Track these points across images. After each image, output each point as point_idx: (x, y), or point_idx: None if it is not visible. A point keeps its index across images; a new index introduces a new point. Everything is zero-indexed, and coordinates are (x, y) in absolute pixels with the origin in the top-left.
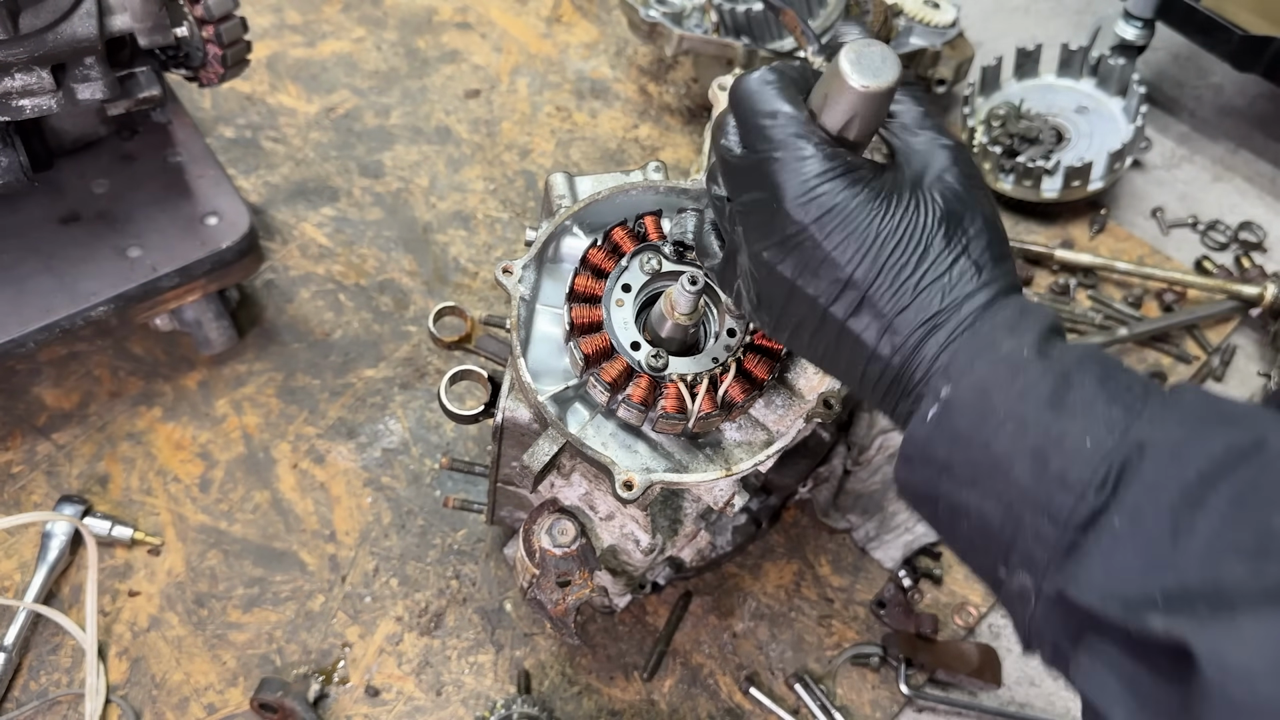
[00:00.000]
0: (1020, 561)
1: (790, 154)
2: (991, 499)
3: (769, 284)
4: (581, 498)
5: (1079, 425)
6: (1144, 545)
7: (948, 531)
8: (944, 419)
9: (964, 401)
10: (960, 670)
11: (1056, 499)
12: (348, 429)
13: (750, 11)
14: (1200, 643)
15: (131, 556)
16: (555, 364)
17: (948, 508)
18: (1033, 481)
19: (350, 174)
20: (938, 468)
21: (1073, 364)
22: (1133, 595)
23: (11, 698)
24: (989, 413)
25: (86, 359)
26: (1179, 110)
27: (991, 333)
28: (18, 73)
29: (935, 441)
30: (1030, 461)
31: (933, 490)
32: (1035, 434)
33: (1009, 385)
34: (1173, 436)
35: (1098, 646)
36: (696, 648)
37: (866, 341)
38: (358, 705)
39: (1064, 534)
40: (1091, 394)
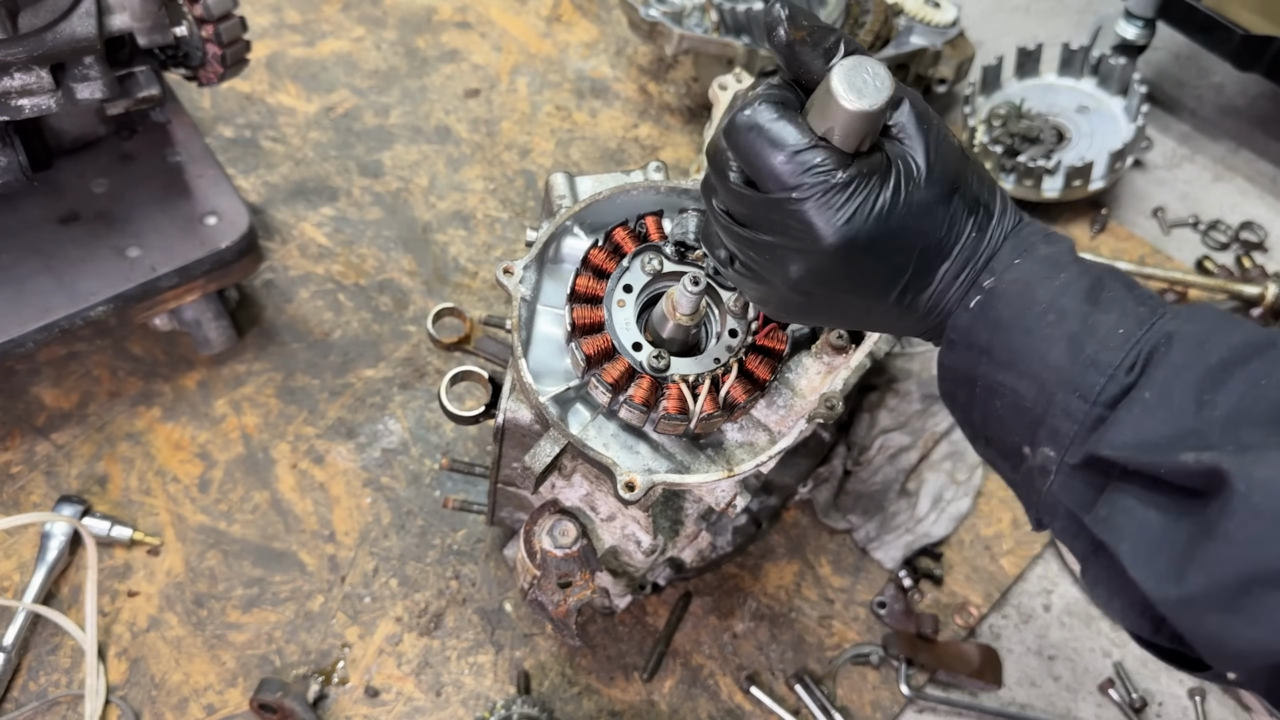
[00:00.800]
0: (1047, 437)
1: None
2: (1027, 379)
3: (806, 296)
4: (583, 499)
5: (1112, 317)
6: (1171, 413)
7: (980, 412)
8: (987, 307)
9: (1008, 292)
10: (961, 671)
11: (1088, 378)
12: (347, 429)
13: (750, 11)
14: (1230, 463)
15: (131, 557)
16: (556, 365)
17: (984, 387)
18: (1067, 363)
19: (350, 174)
20: (979, 350)
21: (1104, 270)
22: (1162, 444)
23: (11, 698)
24: (1031, 302)
25: (86, 359)
26: (1180, 110)
27: (1030, 238)
28: (17, 72)
29: (978, 326)
30: (1066, 346)
31: (971, 371)
32: (1073, 322)
33: (1050, 280)
34: (1198, 329)
35: (1119, 491)
36: (697, 648)
37: (917, 308)
38: (357, 706)
39: (1092, 410)
40: (1122, 294)
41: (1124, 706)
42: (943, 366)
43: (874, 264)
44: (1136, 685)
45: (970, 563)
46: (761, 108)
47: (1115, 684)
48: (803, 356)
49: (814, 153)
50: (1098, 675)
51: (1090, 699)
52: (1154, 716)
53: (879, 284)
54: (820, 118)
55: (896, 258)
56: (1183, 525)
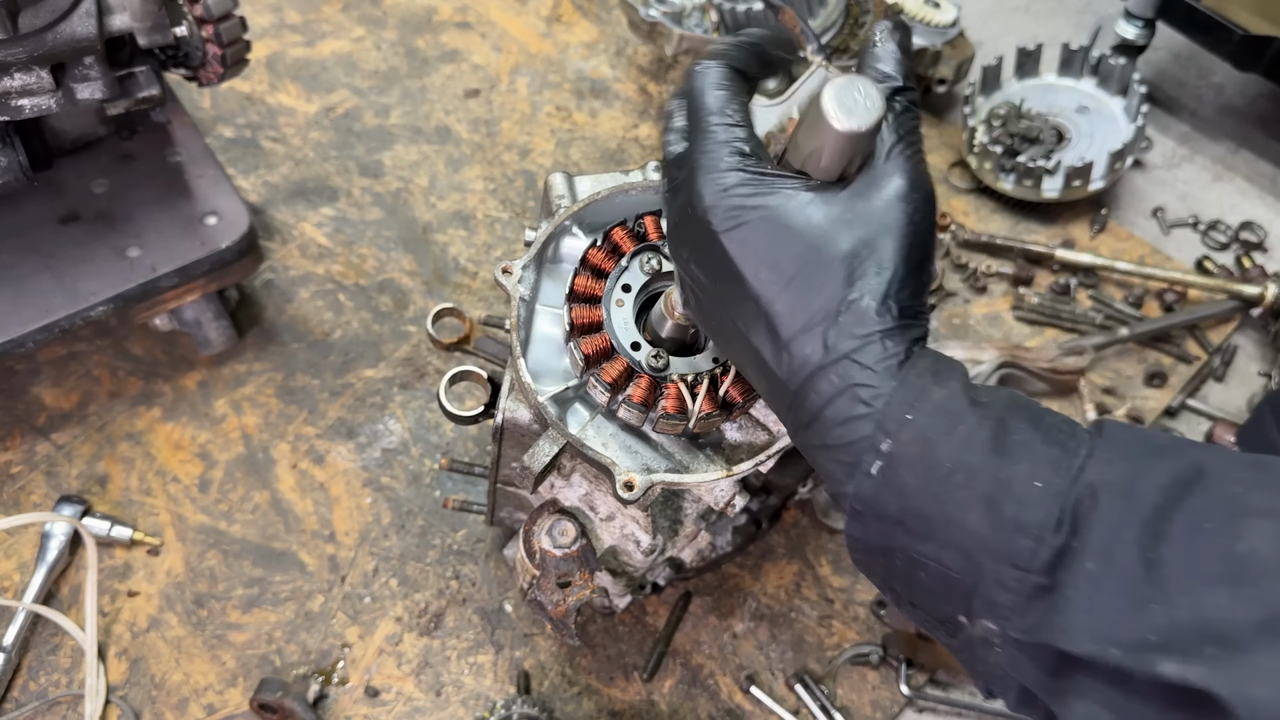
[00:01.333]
0: (983, 609)
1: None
2: (949, 549)
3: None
4: (582, 498)
5: (1025, 468)
6: (1121, 585)
7: (903, 584)
8: (889, 473)
9: (907, 455)
10: (961, 670)
11: (1016, 543)
12: (347, 429)
13: (750, 11)
14: (1224, 687)
15: (131, 557)
16: (555, 364)
17: (905, 561)
18: (989, 529)
19: (350, 174)
20: (890, 521)
21: (1004, 409)
22: (1128, 638)
23: (11, 698)
24: (935, 464)
25: (86, 359)
26: (1180, 110)
27: (918, 382)
28: (17, 72)
29: (884, 495)
30: (984, 509)
31: (888, 544)
32: (984, 481)
33: (950, 434)
34: (1119, 475)
35: (1093, 690)
36: (696, 648)
37: (765, 358)
38: (357, 706)
39: (1028, 577)
40: (1029, 436)
41: None
42: (851, 538)
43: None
44: None
45: None
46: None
47: None
48: None
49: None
50: None
51: None
52: None
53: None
54: (808, 137)
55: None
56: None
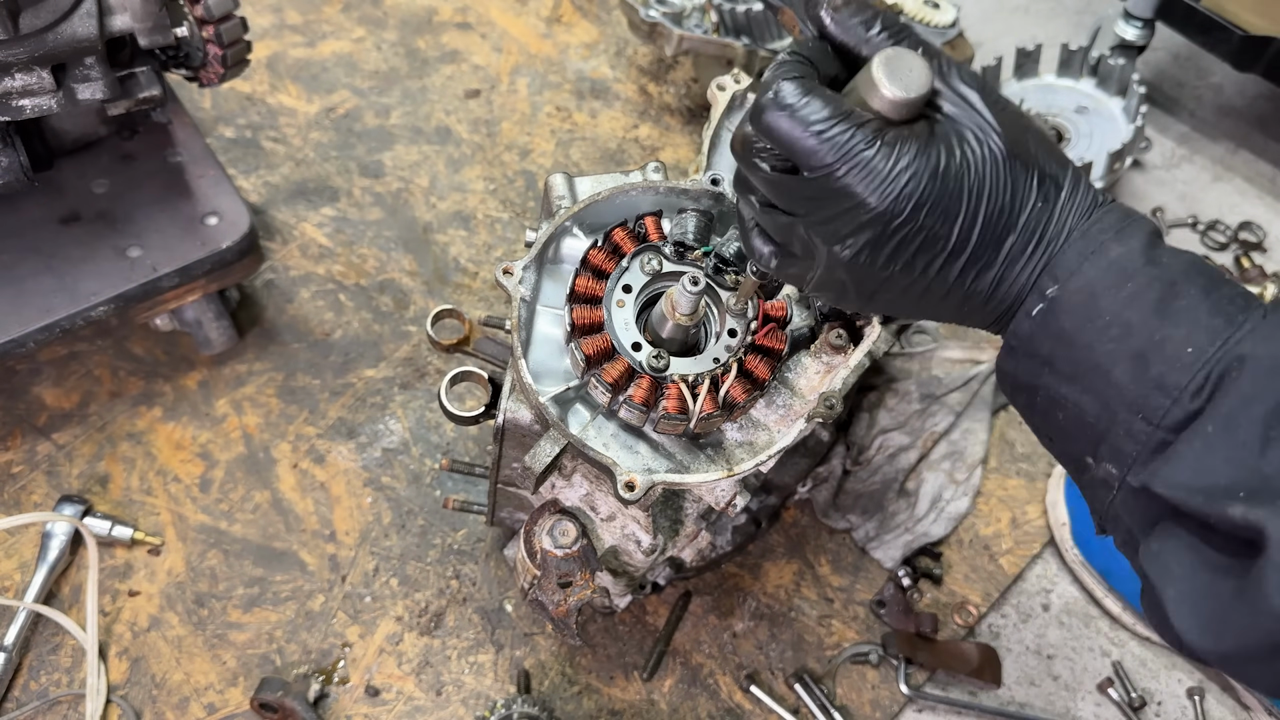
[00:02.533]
0: (1109, 454)
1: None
2: (1090, 395)
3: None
4: (582, 498)
5: (1182, 332)
6: (1234, 450)
7: (1041, 419)
8: (1050, 316)
9: (1071, 302)
10: (960, 670)
11: (1153, 400)
12: (348, 429)
13: (750, 11)
14: (1272, 525)
15: (131, 556)
16: (556, 365)
17: (1046, 398)
18: (1132, 383)
19: (350, 174)
20: (1040, 361)
21: (1179, 272)
22: (1216, 489)
23: (12, 697)
24: (1095, 315)
25: (86, 359)
26: (1179, 110)
27: (1100, 236)
28: (18, 73)
29: (1039, 337)
30: (1131, 364)
31: (1033, 381)
32: (1139, 338)
33: (1117, 290)
34: (1273, 352)
35: (1170, 533)
36: (696, 647)
37: (979, 290)
38: (358, 705)
39: (1155, 433)
40: (1196, 302)
41: (1123, 705)
42: (1002, 371)
43: (930, 233)
44: (1135, 684)
45: (969, 562)
46: (784, 86)
47: (1114, 683)
48: (802, 356)
49: (848, 122)
50: (1096, 674)
51: (1089, 698)
52: (1153, 715)
53: (938, 258)
54: (853, 96)
55: (955, 226)
56: (1226, 581)
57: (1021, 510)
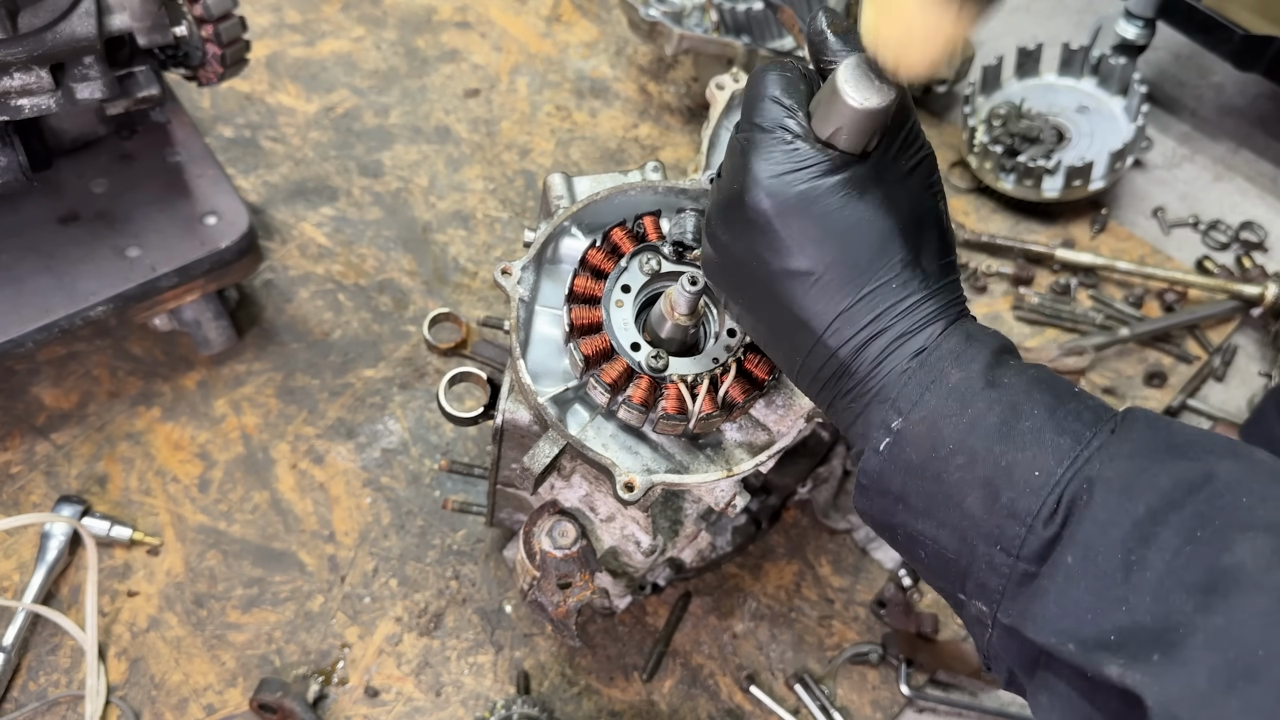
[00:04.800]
0: (975, 590)
1: (766, 139)
2: (946, 529)
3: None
4: (582, 499)
5: (1029, 455)
6: (1096, 582)
7: (908, 556)
8: (895, 451)
9: (914, 434)
10: (961, 670)
11: (1008, 530)
12: (347, 429)
13: (750, 10)
14: (1150, 693)
15: (130, 557)
16: (555, 365)
17: (905, 536)
18: (984, 513)
19: (349, 173)
20: (893, 498)
21: (1021, 392)
22: (1088, 635)
23: (11, 698)
24: (939, 444)
25: (85, 359)
26: (1180, 110)
27: (939, 363)
28: (16, 72)
29: (888, 473)
30: (981, 493)
31: (889, 520)
32: (985, 466)
33: (958, 417)
34: (1121, 471)
35: (1052, 683)
36: (696, 648)
37: (814, 328)
38: (357, 706)
39: (1017, 564)
40: (1040, 423)
41: None
42: (859, 507)
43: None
44: None
45: None
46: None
47: None
48: None
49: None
50: None
51: None
52: None
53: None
54: (825, 115)
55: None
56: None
57: None
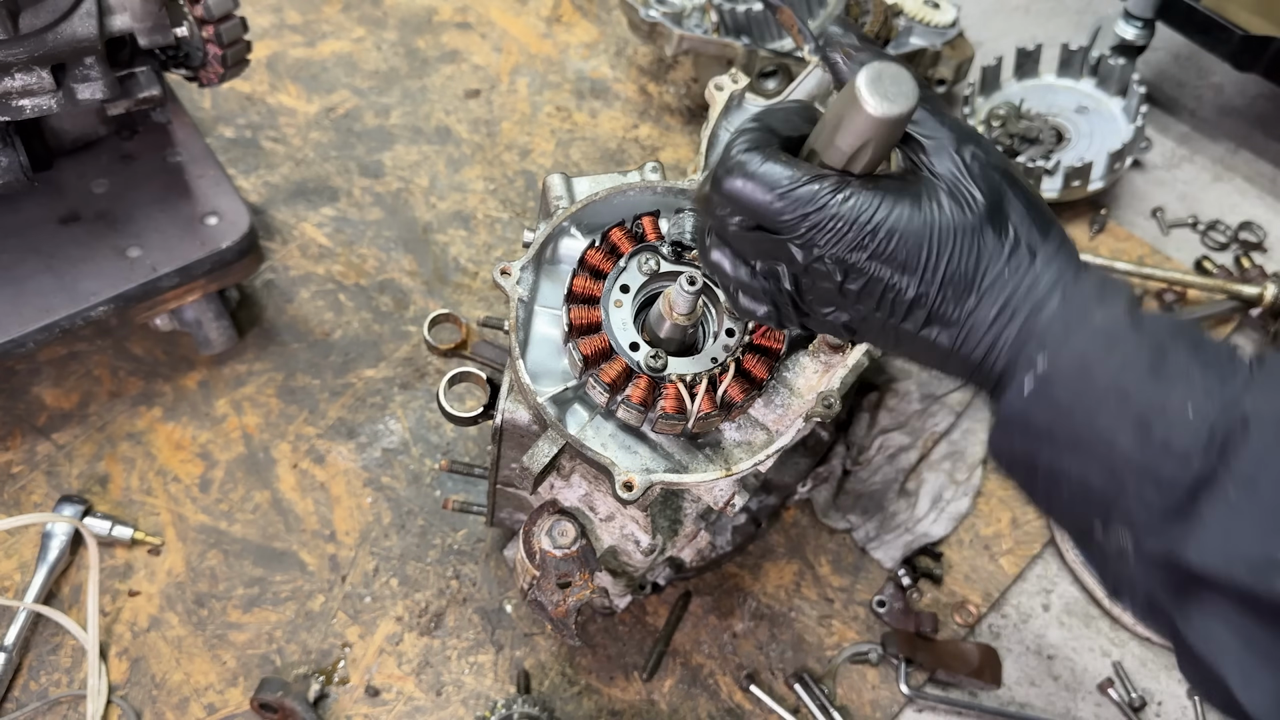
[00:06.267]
0: (1121, 521)
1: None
2: (1094, 464)
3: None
4: (581, 499)
5: (1179, 393)
6: (1261, 513)
7: (1044, 493)
8: (1043, 390)
9: (1063, 374)
10: (960, 670)
11: (1163, 465)
12: (348, 429)
13: (750, 11)
14: None
15: (132, 556)
16: (554, 365)
17: (1047, 473)
18: (1137, 449)
19: (350, 174)
20: (1037, 436)
21: (1166, 335)
22: (1256, 557)
23: (12, 698)
24: (1090, 384)
25: (86, 359)
26: (1179, 110)
27: (1083, 304)
28: (18, 73)
29: (1034, 411)
30: (1134, 430)
31: (1031, 458)
32: (1138, 404)
33: (1108, 357)
34: (1275, 407)
35: (1214, 605)
36: (696, 648)
37: (942, 345)
38: (358, 705)
39: (1169, 497)
40: (1186, 362)
41: (1123, 706)
42: (997, 449)
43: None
44: (1136, 685)
45: (969, 562)
46: (743, 156)
47: (1114, 683)
48: (800, 355)
49: (807, 187)
50: (1097, 675)
51: (1089, 698)
52: (1153, 716)
53: (899, 309)
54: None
55: (912, 281)
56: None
57: (1022, 510)
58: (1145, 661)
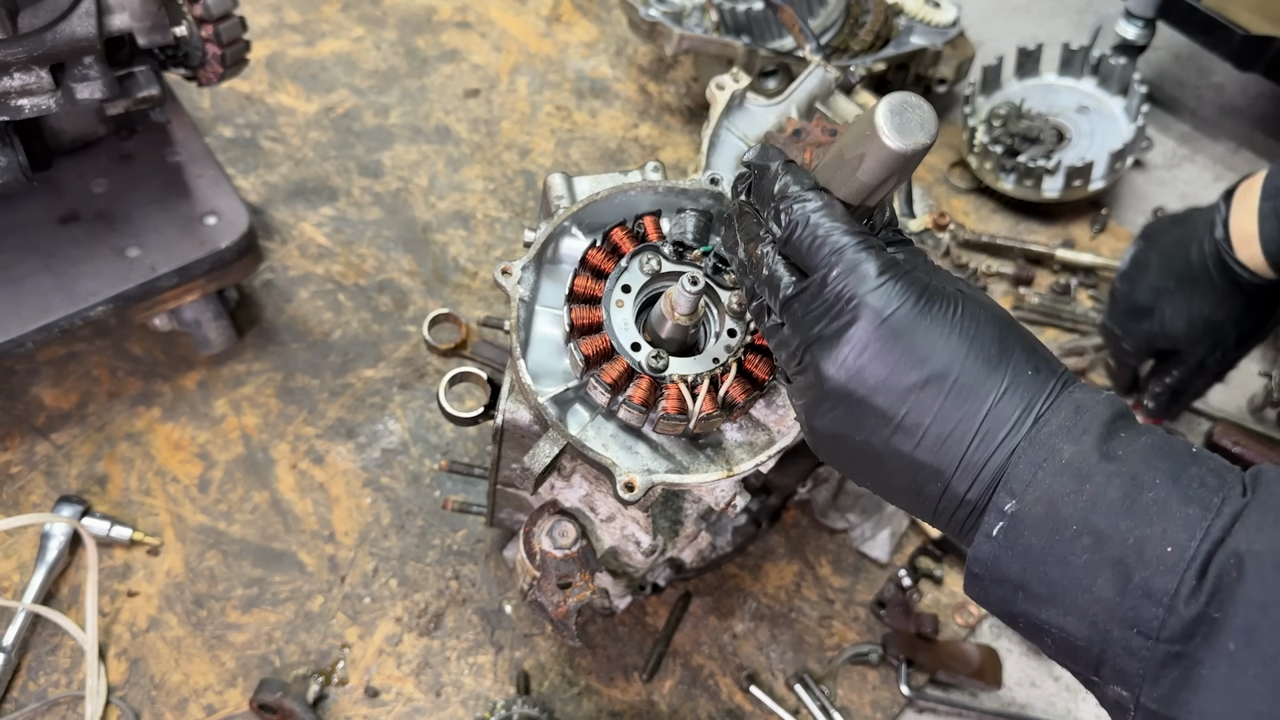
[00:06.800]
0: (1113, 676)
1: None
2: (1074, 615)
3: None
4: (582, 499)
5: (1157, 530)
6: (1265, 668)
7: (1033, 642)
8: (1012, 535)
9: (1032, 516)
10: (961, 671)
11: (1144, 611)
12: (347, 429)
13: (750, 10)
14: None
15: (130, 557)
16: (555, 365)
17: (1028, 626)
18: (1116, 595)
19: (349, 174)
20: (1011, 586)
21: (1140, 463)
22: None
23: (11, 698)
24: (1060, 526)
25: (85, 359)
26: (1180, 110)
27: (1050, 439)
28: (16, 72)
29: (1005, 559)
30: (1111, 574)
31: (1009, 609)
32: (1113, 545)
33: (1077, 494)
34: (1273, 544)
35: None
36: (696, 648)
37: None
38: (357, 706)
39: (1157, 647)
40: (1165, 493)
41: None
42: (971, 594)
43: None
44: None
45: None
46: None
47: None
48: None
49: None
50: None
51: (1090, 700)
52: None
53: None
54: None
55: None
56: None
57: None
58: None
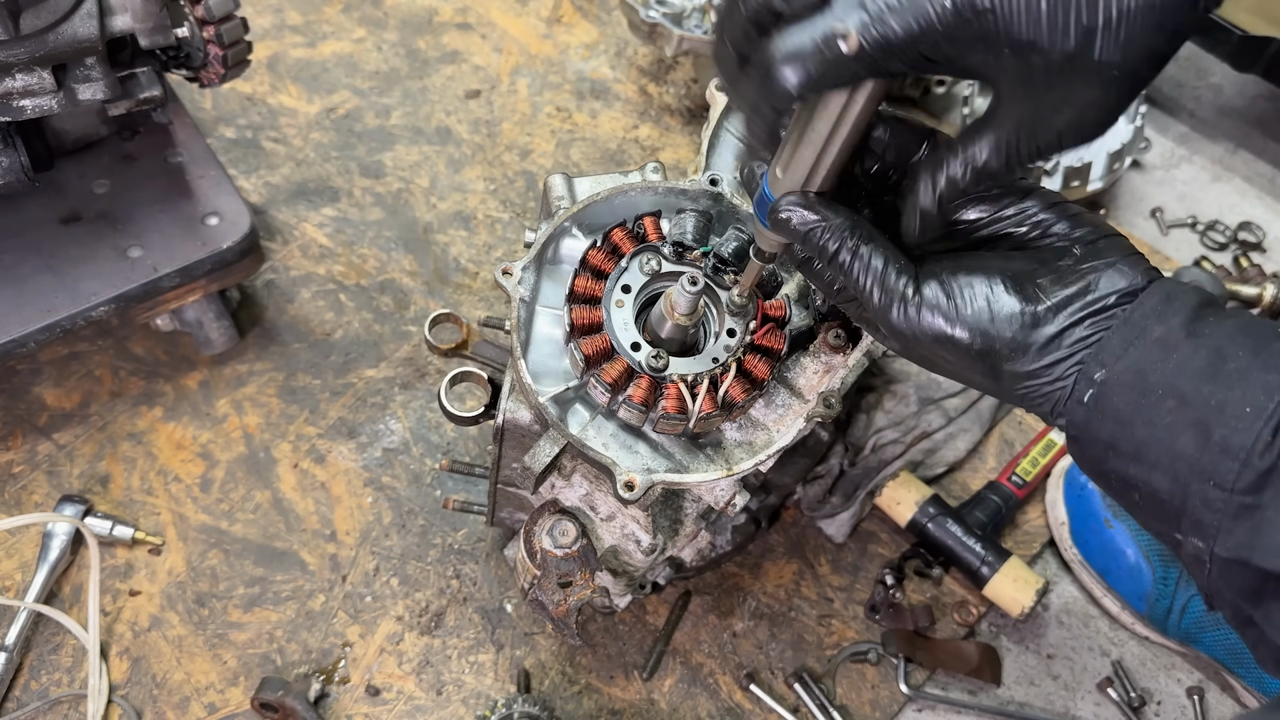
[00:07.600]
0: (1191, 528)
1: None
2: (1158, 471)
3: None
4: (582, 498)
5: (1237, 394)
6: None
7: (1123, 501)
8: (1102, 400)
9: (1120, 382)
10: (959, 669)
11: (1222, 466)
12: (348, 429)
13: None
14: None
15: (132, 556)
16: (555, 365)
17: (1118, 481)
18: (1197, 451)
19: (351, 174)
20: (1103, 445)
21: (1225, 337)
22: None
23: (13, 697)
24: (1147, 390)
25: (87, 359)
26: (1178, 110)
27: (1141, 321)
28: (19, 73)
29: (1095, 422)
30: (1193, 433)
31: (1101, 466)
32: (1195, 406)
33: (1164, 363)
34: None
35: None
36: (696, 647)
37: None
38: (358, 705)
39: (1232, 498)
40: (1246, 363)
41: (1122, 705)
42: (1075, 460)
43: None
44: (1135, 683)
45: None
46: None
47: (1114, 682)
48: (801, 356)
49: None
50: (1096, 674)
51: (1089, 697)
52: (1152, 715)
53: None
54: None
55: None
56: None
57: (1021, 510)
58: (1144, 661)
